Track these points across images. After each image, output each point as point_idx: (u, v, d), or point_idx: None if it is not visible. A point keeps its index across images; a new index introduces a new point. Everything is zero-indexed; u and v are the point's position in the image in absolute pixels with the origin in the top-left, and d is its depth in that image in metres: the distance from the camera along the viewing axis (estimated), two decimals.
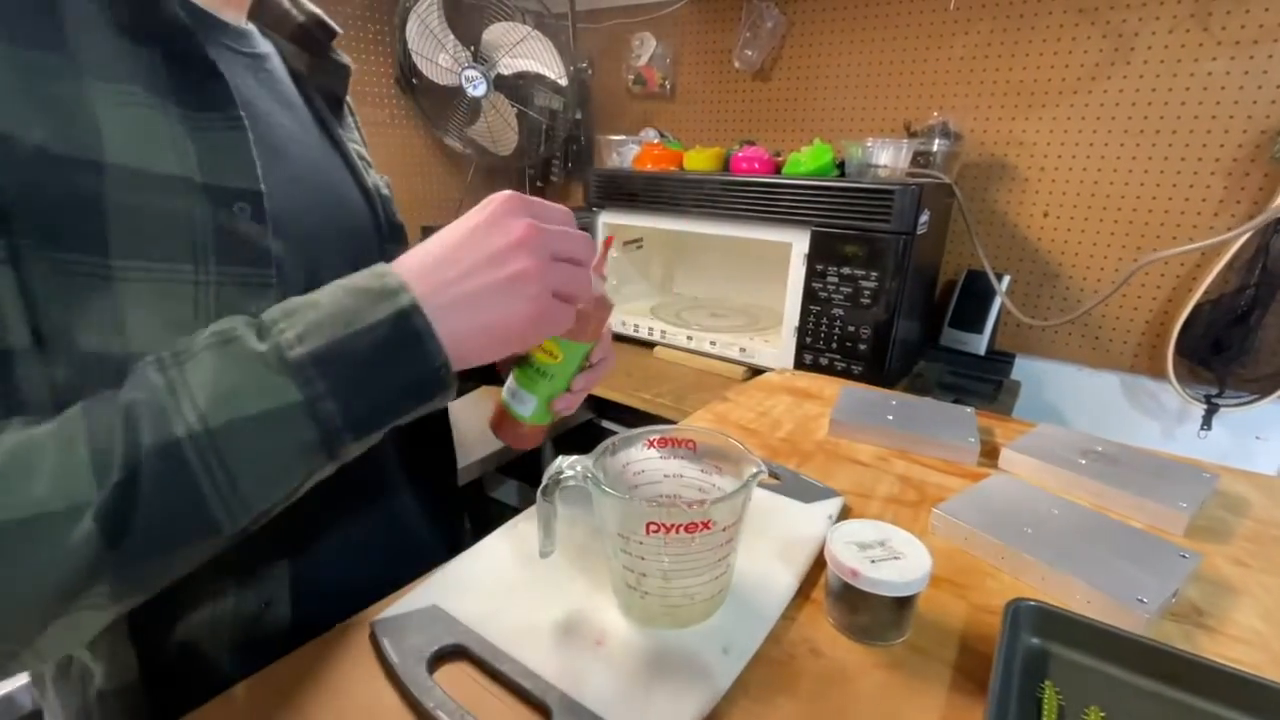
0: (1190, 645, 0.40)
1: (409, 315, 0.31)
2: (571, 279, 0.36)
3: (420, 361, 0.32)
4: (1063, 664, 0.38)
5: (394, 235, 0.52)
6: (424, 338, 0.31)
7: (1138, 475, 0.57)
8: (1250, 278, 1.04)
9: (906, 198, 0.94)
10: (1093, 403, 1.25)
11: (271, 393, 0.29)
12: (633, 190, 1.25)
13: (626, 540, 0.37)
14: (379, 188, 0.52)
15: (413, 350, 0.31)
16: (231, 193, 0.35)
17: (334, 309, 0.31)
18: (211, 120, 0.35)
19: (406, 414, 0.33)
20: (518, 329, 0.34)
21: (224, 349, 0.29)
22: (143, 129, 0.32)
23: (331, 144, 0.50)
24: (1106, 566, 0.45)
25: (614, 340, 0.49)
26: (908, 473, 0.61)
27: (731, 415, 0.74)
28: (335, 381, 0.30)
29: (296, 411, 0.29)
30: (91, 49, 0.31)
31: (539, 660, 0.37)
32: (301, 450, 0.30)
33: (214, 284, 0.34)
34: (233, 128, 0.36)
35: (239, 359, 0.29)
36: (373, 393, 0.31)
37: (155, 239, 0.32)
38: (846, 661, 0.39)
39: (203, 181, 0.34)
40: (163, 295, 0.33)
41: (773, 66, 1.44)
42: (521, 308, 0.33)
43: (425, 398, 0.33)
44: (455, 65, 1.41)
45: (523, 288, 0.33)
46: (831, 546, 0.41)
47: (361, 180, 0.50)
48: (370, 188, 0.50)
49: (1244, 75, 1.01)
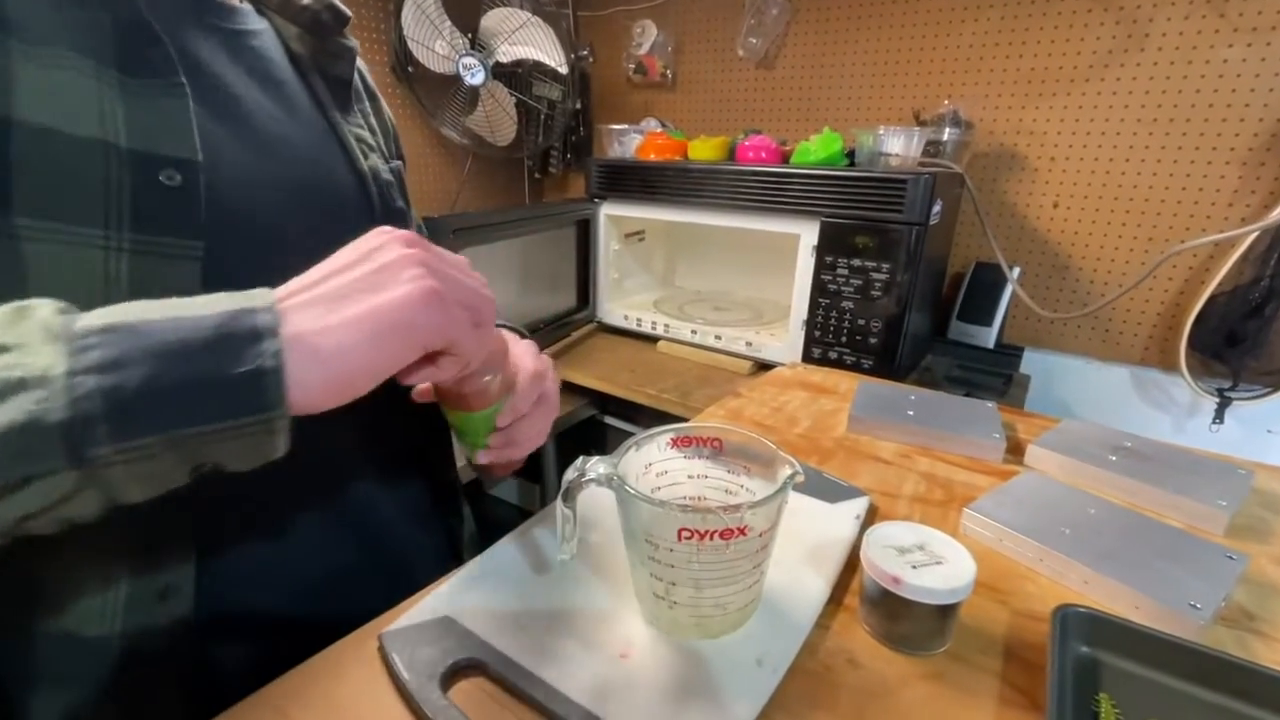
0: (1245, 652, 0.38)
1: (253, 312, 0.26)
2: (469, 292, 0.32)
3: (241, 357, 0.25)
4: (1116, 674, 0.36)
5: (391, 220, 0.49)
6: (262, 334, 0.26)
7: (1171, 472, 0.55)
8: (1266, 269, 1.02)
9: (920, 187, 0.92)
10: (1102, 396, 1.24)
11: (32, 360, 0.23)
12: (635, 180, 1.22)
13: (655, 547, 0.34)
14: (378, 172, 0.49)
15: (238, 344, 0.25)
16: (160, 159, 0.33)
17: (169, 303, 0.26)
18: (149, 86, 0.34)
19: (206, 431, 0.25)
20: (402, 315, 0.29)
21: (18, 312, 0.25)
22: (64, 90, 0.31)
23: (328, 125, 0.48)
24: (1152, 569, 0.42)
25: (617, 335, 0.46)
26: (932, 470, 0.59)
27: (745, 411, 0.71)
28: (117, 355, 0.24)
29: (50, 384, 0.23)
30: (20, 11, 0.31)
31: (560, 675, 0.35)
32: (34, 438, 0.22)
33: (127, 251, 0.32)
34: (171, 94, 0.35)
35: (16, 321, 0.25)
36: (161, 381, 0.24)
37: (64, 201, 0.31)
38: (887, 673, 0.36)
39: (127, 146, 0.32)
40: (68, 258, 0.31)
41: (777, 55, 1.42)
42: (400, 291, 0.29)
43: (238, 410, 0.25)
44: (452, 53, 1.38)
45: (397, 272, 0.29)
46: (869, 552, 0.38)
47: (356, 163, 0.48)
48: (365, 171, 0.48)
49: (1260, 63, 0.99)
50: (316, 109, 0.47)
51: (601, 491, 0.36)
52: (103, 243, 0.32)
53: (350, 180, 0.47)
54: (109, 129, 0.32)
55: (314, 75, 0.48)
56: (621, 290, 1.42)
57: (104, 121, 0.32)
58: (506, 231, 1.10)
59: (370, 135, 0.52)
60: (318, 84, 0.48)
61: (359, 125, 0.51)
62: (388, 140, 0.55)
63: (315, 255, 0.31)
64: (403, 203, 0.52)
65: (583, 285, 1.35)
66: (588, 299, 1.36)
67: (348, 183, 0.47)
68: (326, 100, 0.48)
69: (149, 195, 0.33)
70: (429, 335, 0.30)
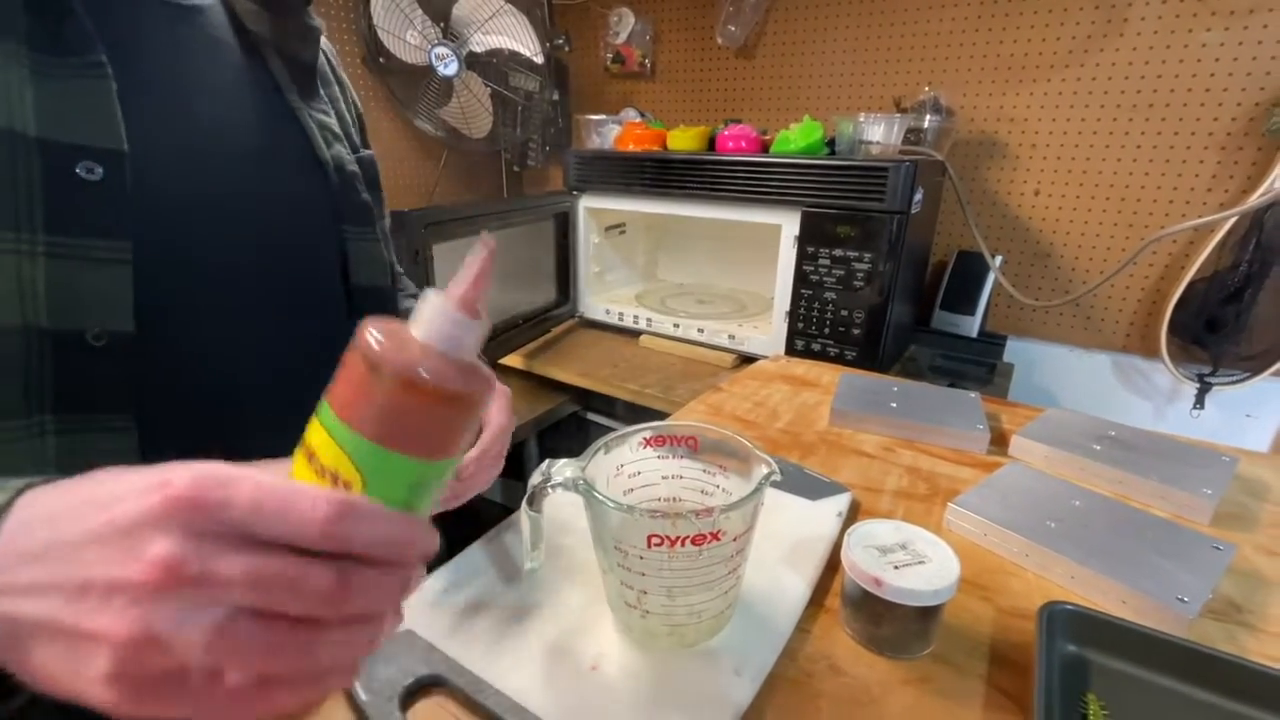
0: (1234, 646, 0.37)
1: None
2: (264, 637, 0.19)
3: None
4: (1104, 673, 0.35)
5: (354, 215, 0.47)
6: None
7: (1156, 461, 0.54)
8: (1244, 255, 1.02)
9: (900, 175, 0.91)
10: (1085, 383, 1.24)
11: None
12: (614, 172, 1.20)
13: (625, 554, 0.33)
14: (341, 162, 0.46)
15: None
16: (76, 150, 0.30)
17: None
18: (64, 67, 0.30)
19: None
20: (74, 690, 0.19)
21: None
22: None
23: (287, 111, 0.44)
24: (1139, 562, 0.41)
25: (599, 329, 0.44)
26: (916, 463, 0.58)
27: (726, 406, 0.70)
28: None
29: None
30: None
31: (528, 690, 0.33)
32: None
33: (42, 255, 0.29)
34: (89, 75, 0.31)
35: None
36: None
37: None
38: (869, 679, 0.35)
39: (36, 135, 0.29)
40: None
41: (757, 42, 1.39)
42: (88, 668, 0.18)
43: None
44: (424, 43, 1.34)
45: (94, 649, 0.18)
46: (849, 552, 0.37)
47: (317, 151, 0.45)
48: (325, 159, 0.45)
49: (1238, 46, 0.99)
50: (274, 92, 0.44)
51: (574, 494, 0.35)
52: (13, 245, 0.28)
53: (308, 170, 0.44)
54: (15, 115, 0.28)
55: (273, 56, 0.45)
56: (603, 284, 1.39)
57: (9, 107, 0.28)
58: (481, 225, 1.08)
59: (336, 122, 0.49)
60: (276, 66, 0.45)
61: (323, 111, 0.47)
62: (355, 129, 0.53)
63: (262, 249, 0.28)
64: (369, 196, 0.49)
65: (563, 279, 1.33)
66: (568, 293, 1.34)
67: (305, 172, 0.44)
68: (285, 83, 0.45)
69: (64, 191, 0.29)
70: None
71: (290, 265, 0.41)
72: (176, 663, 0.18)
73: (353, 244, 0.46)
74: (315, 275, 0.44)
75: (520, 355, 1.21)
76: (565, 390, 1.18)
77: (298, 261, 0.42)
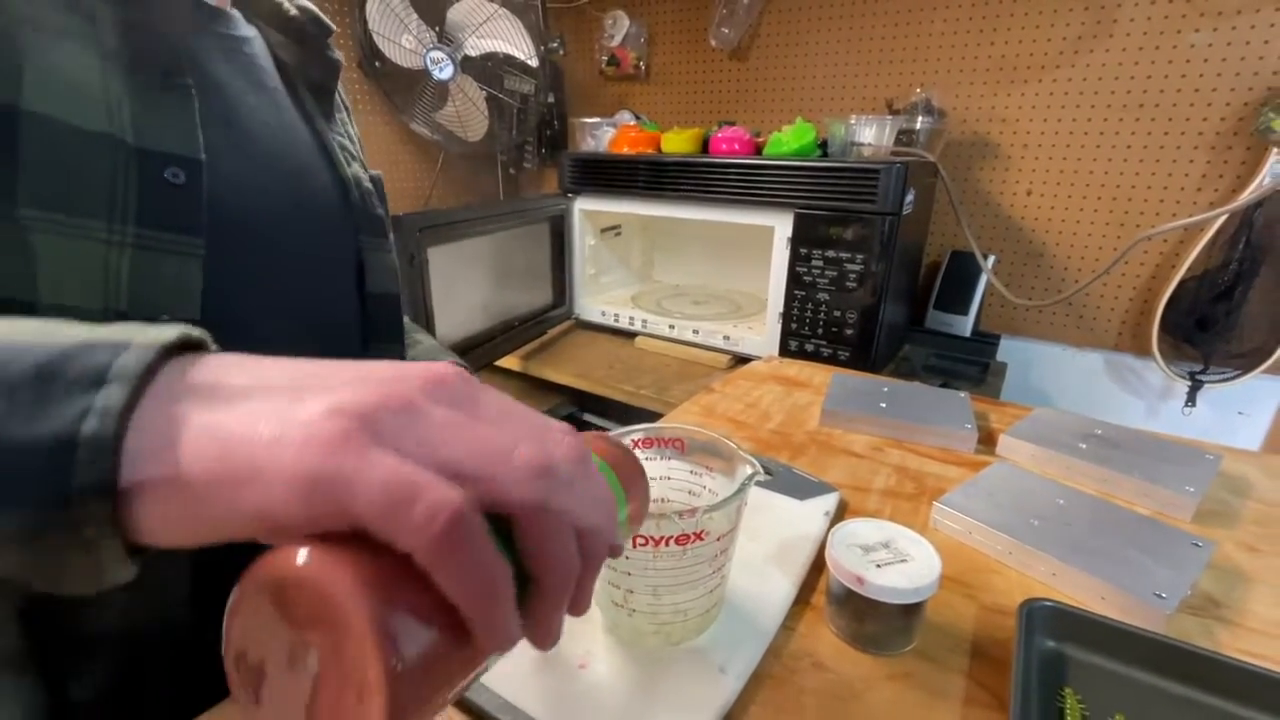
0: (1211, 641, 0.38)
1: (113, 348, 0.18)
2: None
3: (49, 410, 0.17)
4: (1082, 668, 0.35)
5: (371, 227, 0.50)
6: (105, 378, 0.17)
7: (1140, 459, 0.55)
8: (1234, 253, 1.03)
9: (892, 176, 0.92)
10: (1078, 382, 1.24)
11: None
12: (609, 175, 1.21)
13: None
14: (359, 179, 0.50)
15: (60, 390, 0.17)
16: (165, 157, 0.34)
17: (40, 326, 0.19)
18: (156, 84, 0.34)
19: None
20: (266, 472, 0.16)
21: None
22: (73, 84, 0.31)
23: (312, 133, 0.49)
24: (1119, 559, 0.42)
25: (595, 331, 0.45)
26: (904, 463, 0.58)
27: (719, 407, 0.71)
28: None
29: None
30: (31, 5, 0.31)
31: (514, 688, 0.33)
32: None
33: (130, 246, 0.32)
34: (176, 93, 0.35)
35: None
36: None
37: (69, 193, 0.31)
38: (853, 675, 0.36)
39: (134, 142, 0.33)
40: (70, 250, 0.31)
41: (750, 44, 1.40)
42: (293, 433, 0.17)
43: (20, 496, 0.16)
44: (419, 47, 1.35)
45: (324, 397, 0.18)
46: (833, 550, 0.37)
47: (339, 169, 0.49)
48: (348, 177, 0.49)
49: (1226, 46, 1.00)
50: (302, 117, 0.48)
51: None
52: (105, 236, 0.31)
53: (331, 186, 0.48)
54: (116, 124, 0.32)
55: (300, 83, 0.49)
56: (598, 286, 1.40)
57: (112, 117, 0.32)
58: (477, 229, 1.08)
59: (351, 144, 0.53)
60: (303, 92, 0.49)
61: (340, 134, 0.52)
62: (360, 150, 0.56)
63: (302, 257, 0.30)
64: (382, 210, 0.52)
65: (559, 281, 1.33)
66: (564, 295, 1.34)
67: (330, 188, 0.48)
68: (312, 108, 0.49)
69: (153, 192, 0.33)
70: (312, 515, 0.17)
71: (317, 271, 0.45)
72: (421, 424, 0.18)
73: (369, 254, 0.49)
74: (336, 281, 0.47)
75: (516, 357, 1.22)
76: (561, 391, 1.19)
77: (324, 267, 0.45)
